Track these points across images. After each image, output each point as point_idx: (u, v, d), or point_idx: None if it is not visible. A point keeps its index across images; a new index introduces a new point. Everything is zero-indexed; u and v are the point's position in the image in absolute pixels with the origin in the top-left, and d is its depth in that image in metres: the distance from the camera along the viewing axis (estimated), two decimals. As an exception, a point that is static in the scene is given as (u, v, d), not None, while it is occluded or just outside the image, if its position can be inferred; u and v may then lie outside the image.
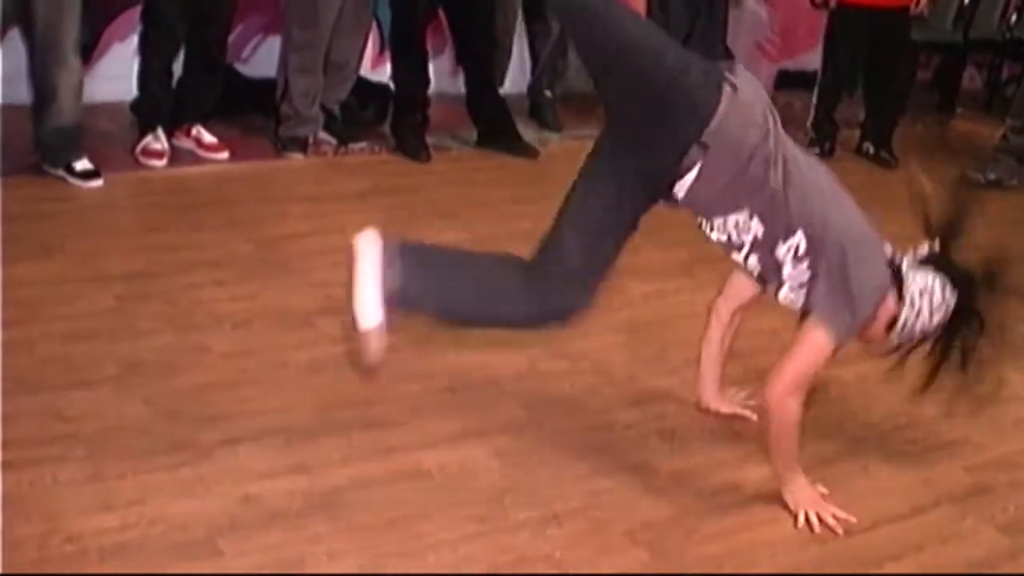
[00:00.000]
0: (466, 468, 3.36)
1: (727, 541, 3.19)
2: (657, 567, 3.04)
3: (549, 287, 3.17)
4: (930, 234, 3.41)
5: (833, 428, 3.86)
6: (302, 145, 5.91)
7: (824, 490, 3.38)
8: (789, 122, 6.99)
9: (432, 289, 3.20)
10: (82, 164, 5.14)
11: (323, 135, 6.03)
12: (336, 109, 6.14)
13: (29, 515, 2.91)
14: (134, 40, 6.09)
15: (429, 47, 6.28)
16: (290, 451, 3.33)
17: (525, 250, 4.74)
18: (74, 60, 5.03)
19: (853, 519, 3.29)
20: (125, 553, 2.83)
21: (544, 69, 7.03)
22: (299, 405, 3.58)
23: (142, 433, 3.33)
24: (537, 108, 7.03)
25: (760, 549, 3.18)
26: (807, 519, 3.27)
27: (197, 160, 5.65)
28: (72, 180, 5.13)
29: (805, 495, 3.32)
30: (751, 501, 3.38)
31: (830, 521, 3.27)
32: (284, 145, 5.89)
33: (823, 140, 7.00)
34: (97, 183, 5.15)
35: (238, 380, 3.69)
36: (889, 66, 6.95)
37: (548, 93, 7.07)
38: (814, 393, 3.56)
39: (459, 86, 6.54)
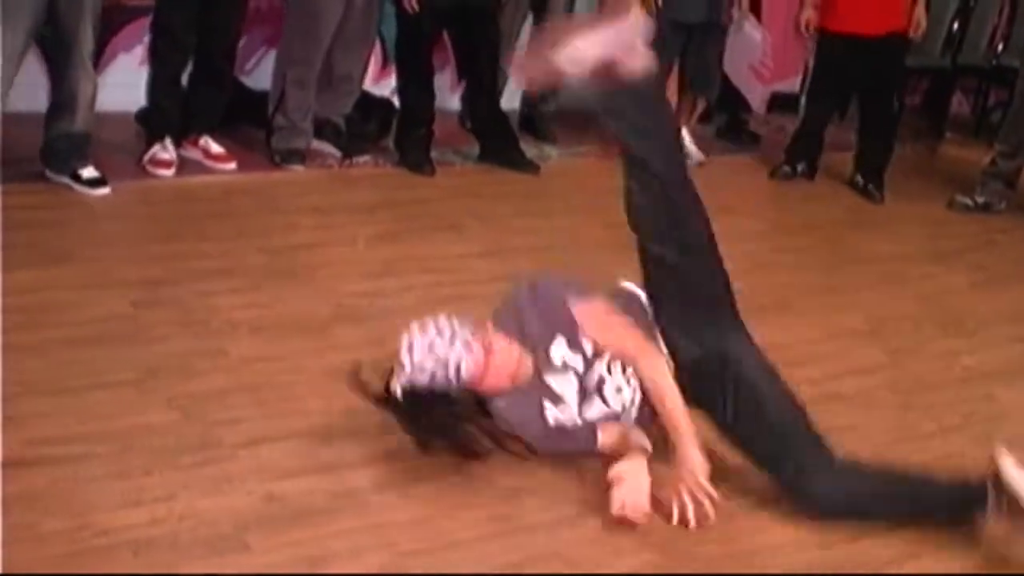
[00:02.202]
0: (483, 471, 3.45)
1: (733, 544, 3.30)
2: (667, 568, 3.15)
3: None
4: None
5: (833, 442, 3.96)
6: (301, 156, 6.00)
7: None
8: (781, 144, 7.15)
9: None
10: (88, 172, 5.21)
11: (328, 147, 6.12)
12: (341, 122, 6.23)
13: (57, 511, 3.00)
14: (139, 51, 6.19)
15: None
16: (311, 453, 3.43)
17: (530, 263, 4.89)
18: (90, 68, 5.13)
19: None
20: (156, 546, 2.92)
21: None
22: (316, 409, 3.68)
23: (165, 433, 3.42)
24: (531, 120, 7.12)
25: (763, 552, 3.29)
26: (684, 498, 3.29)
27: (204, 170, 5.72)
28: (78, 187, 5.20)
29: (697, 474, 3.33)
30: (754, 507, 3.47)
31: (706, 503, 3.29)
32: (283, 157, 5.96)
33: (796, 162, 7.06)
34: (104, 191, 5.22)
35: (257, 384, 3.78)
36: (881, 97, 6.97)
37: (544, 107, 7.16)
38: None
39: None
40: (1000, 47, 8.82)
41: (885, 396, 4.41)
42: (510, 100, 6.99)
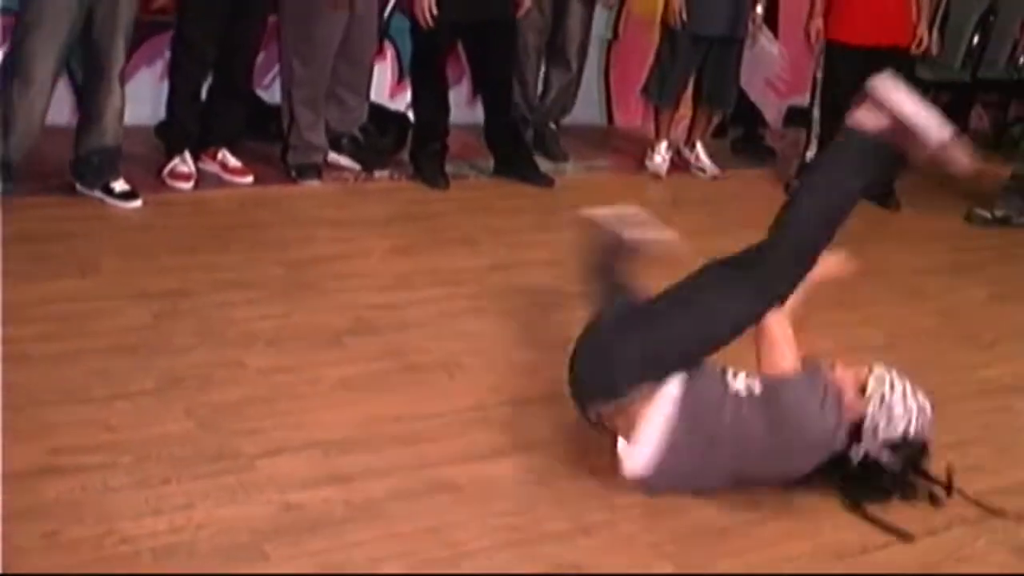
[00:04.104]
0: (498, 481, 3.49)
1: (750, 556, 3.32)
2: (684, 578, 3.18)
3: None
4: None
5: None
6: (317, 171, 6.03)
7: None
8: (796, 158, 7.17)
9: None
10: (120, 185, 5.27)
11: (347, 161, 6.16)
12: (359, 135, 6.26)
13: (83, 518, 3.04)
14: (160, 65, 6.24)
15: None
16: (328, 463, 3.45)
17: (544, 276, 4.94)
18: (118, 83, 5.17)
19: None
20: (177, 554, 2.96)
21: (555, 103, 7.15)
22: (334, 420, 3.71)
23: (185, 443, 3.46)
24: (541, 139, 7.14)
25: (782, 564, 3.29)
26: None
27: (222, 183, 5.77)
28: (110, 201, 5.26)
29: None
30: (771, 518, 3.50)
31: None
32: (300, 172, 5.99)
33: None
34: (136, 204, 5.28)
35: (274, 395, 3.81)
36: None
37: (553, 126, 7.19)
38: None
39: (476, 115, 6.66)
40: (1021, 61, 8.83)
41: (902, 408, 4.41)
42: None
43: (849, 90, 6.88)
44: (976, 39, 8.52)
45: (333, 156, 6.20)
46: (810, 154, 7.11)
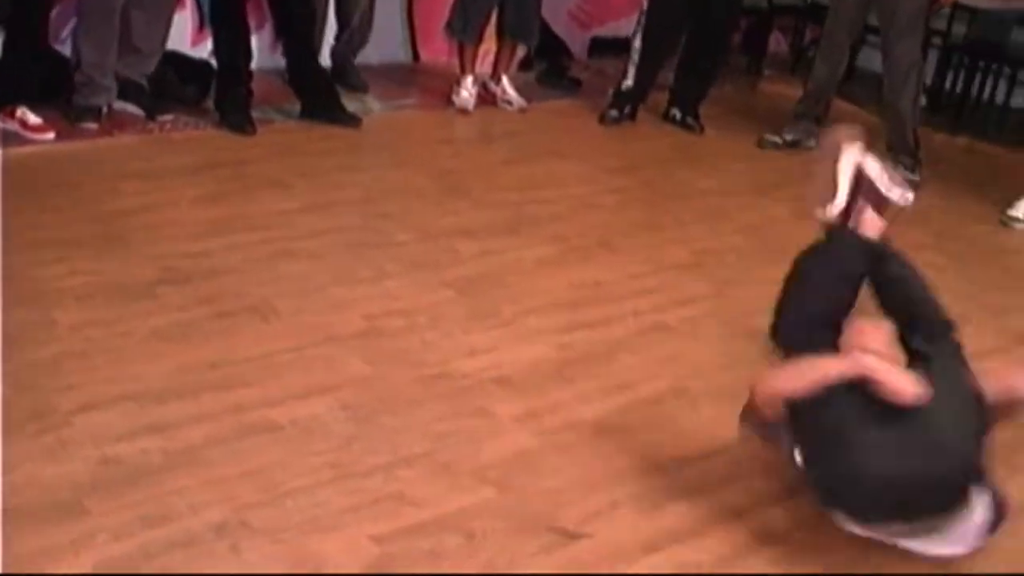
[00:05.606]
0: (315, 420, 3.52)
1: (568, 474, 3.41)
2: (505, 502, 3.25)
3: None
4: None
5: (660, 372, 4.09)
6: (96, 115, 5.90)
7: None
8: (602, 88, 7.29)
9: None
10: None
11: (132, 108, 6.06)
12: (144, 82, 6.17)
13: None
14: (-51, 25, 6.07)
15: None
16: (144, 414, 3.45)
17: (355, 215, 4.96)
18: None
19: None
20: (-4, 518, 2.94)
21: (352, 34, 7.13)
22: (148, 371, 3.69)
23: (-1, 405, 3.42)
24: (342, 71, 7.13)
25: (605, 479, 3.40)
26: None
27: (23, 141, 5.64)
28: None
29: None
30: (589, 438, 3.60)
31: None
32: (78, 116, 5.86)
33: (624, 104, 7.16)
34: None
35: (87, 350, 3.77)
36: (712, 38, 7.12)
37: (353, 57, 7.19)
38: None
39: (280, 60, 6.62)
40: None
41: (711, 325, 4.54)
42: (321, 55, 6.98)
43: (672, 21, 7.07)
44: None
45: (119, 103, 6.09)
46: (627, 83, 7.20)
